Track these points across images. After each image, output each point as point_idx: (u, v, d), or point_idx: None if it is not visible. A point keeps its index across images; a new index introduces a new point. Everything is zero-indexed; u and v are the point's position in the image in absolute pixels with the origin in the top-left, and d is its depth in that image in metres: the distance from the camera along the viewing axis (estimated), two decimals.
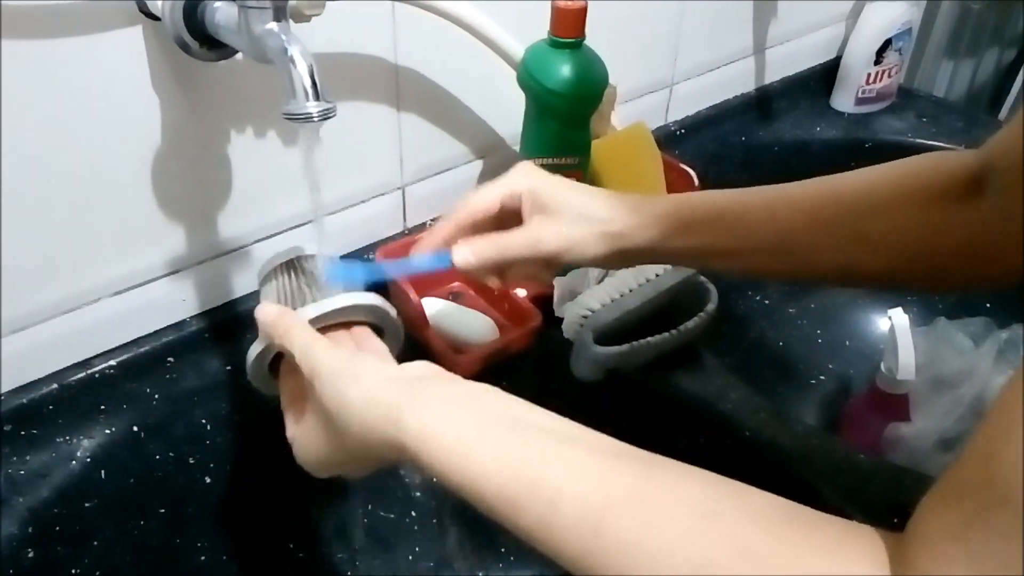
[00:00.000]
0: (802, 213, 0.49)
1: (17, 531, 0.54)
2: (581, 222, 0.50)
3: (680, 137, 0.92)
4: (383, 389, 0.40)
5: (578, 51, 0.63)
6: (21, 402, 0.57)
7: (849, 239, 0.48)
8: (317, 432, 0.44)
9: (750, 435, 0.62)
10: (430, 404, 0.39)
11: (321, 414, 0.43)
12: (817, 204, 0.49)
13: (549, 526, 0.34)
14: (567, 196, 0.51)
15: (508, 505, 0.36)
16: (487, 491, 0.36)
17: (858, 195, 0.49)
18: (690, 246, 0.51)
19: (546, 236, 0.50)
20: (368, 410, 0.40)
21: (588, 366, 0.65)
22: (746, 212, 0.50)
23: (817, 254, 0.49)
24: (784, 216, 0.50)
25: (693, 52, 0.89)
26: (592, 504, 0.34)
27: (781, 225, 0.49)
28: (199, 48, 0.51)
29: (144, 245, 0.59)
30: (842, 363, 0.94)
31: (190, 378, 0.63)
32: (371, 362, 0.43)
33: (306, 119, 0.44)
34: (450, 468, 0.37)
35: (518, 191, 0.51)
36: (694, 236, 0.50)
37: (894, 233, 0.47)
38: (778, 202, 0.50)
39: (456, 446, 0.37)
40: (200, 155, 0.59)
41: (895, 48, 1.00)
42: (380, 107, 0.67)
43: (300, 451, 0.46)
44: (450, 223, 0.52)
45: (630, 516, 0.33)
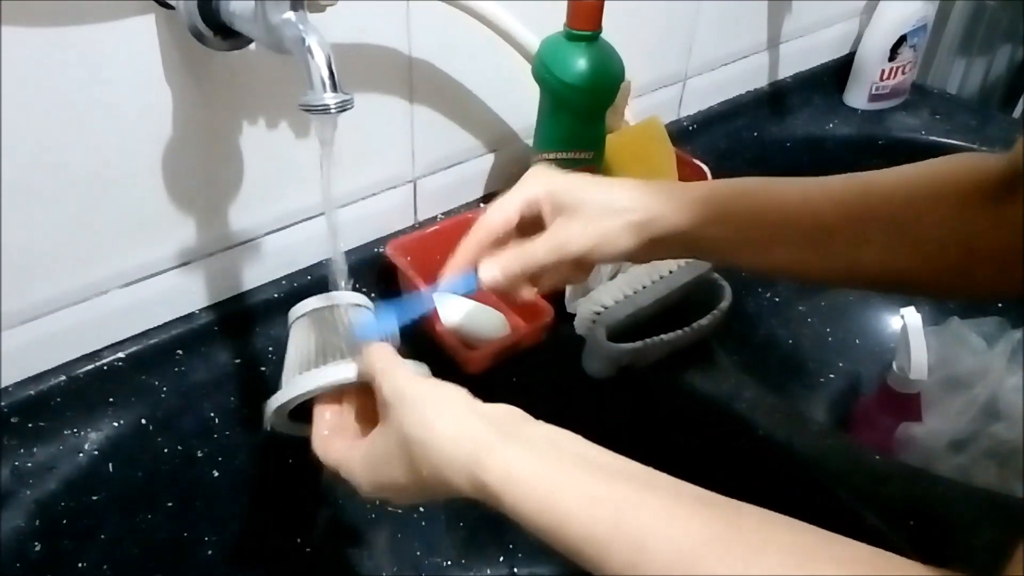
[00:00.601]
0: (840, 205, 0.48)
1: (24, 524, 0.54)
2: (606, 216, 0.48)
3: (692, 132, 0.91)
4: (470, 425, 0.39)
5: (595, 44, 0.62)
6: (28, 394, 0.57)
7: (888, 236, 0.47)
8: (385, 456, 0.42)
9: (763, 434, 0.62)
10: (515, 445, 0.38)
11: (396, 438, 0.41)
12: (855, 197, 0.48)
13: (636, 567, 0.34)
14: (587, 192, 0.49)
15: (595, 548, 0.35)
16: (572, 534, 0.35)
17: (898, 191, 0.47)
18: (723, 235, 0.49)
19: (571, 237, 0.48)
20: (453, 444, 0.39)
21: (600, 363, 0.65)
22: (783, 201, 0.49)
23: (853, 250, 0.47)
24: (822, 208, 0.48)
25: (707, 46, 0.88)
26: (682, 546, 0.34)
27: (818, 216, 0.48)
28: (214, 37, 0.50)
29: (154, 236, 0.59)
30: (852, 361, 0.94)
31: (199, 371, 0.63)
32: (459, 395, 0.42)
33: (323, 111, 0.43)
34: (534, 510, 0.37)
35: (535, 197, 0.49)
36: (727, 224, 0.48)
37: (934, 231, 0.46)
38: (815, 193, 0.49)
39: (541, 488, 0.37)
40: (212, 146, 0.58)
41: (910, 44, 0.99)
42: (393, 99, 0.66)
43: (360, 471, 0.44)
44: (471, 243, 0.50)
45: (722, 558, 0.33)
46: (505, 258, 0.49)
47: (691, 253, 0.55)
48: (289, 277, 0.67)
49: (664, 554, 0.34)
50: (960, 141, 0.97)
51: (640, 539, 0.34)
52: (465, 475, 0.38)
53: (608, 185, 0.50)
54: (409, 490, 0.42)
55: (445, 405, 0.41)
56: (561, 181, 0.50)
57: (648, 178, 0.75)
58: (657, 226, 0.48)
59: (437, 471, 0.39)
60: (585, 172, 0.67)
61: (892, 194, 0.47)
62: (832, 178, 0.49)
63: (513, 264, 0.48)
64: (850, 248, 0.48)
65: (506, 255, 0.49)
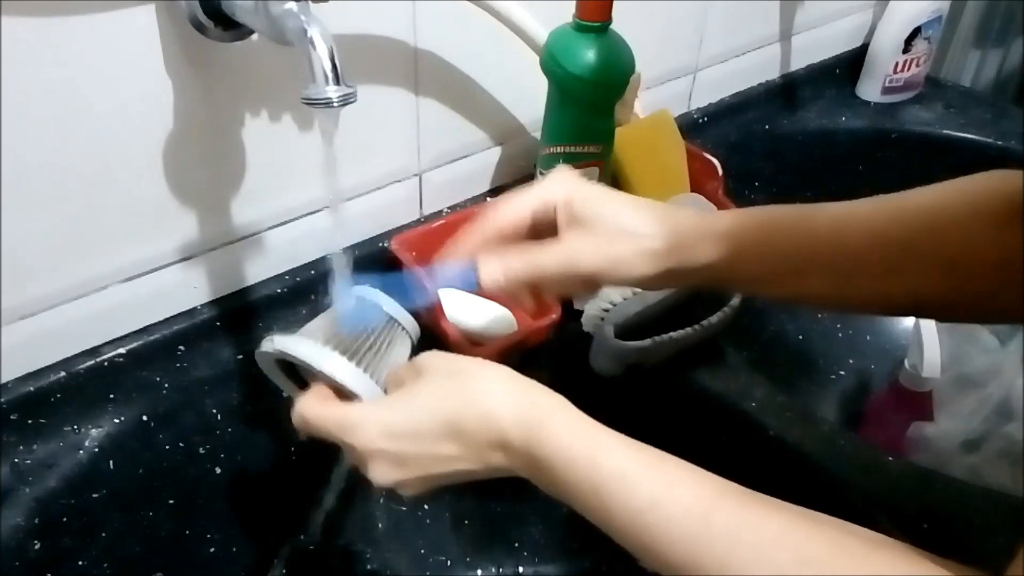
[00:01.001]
0: (872, 235, 0.45)
1: (23, 522, 0.53)
2: (623, 238, 0.46)
3: (702, 125, 0.90)
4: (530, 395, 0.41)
5: (604, 36, 0.61)
6: (28, 390, 0.56)
7: (920, 263, 0.44)
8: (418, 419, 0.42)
9: (774, 435, 0.61)
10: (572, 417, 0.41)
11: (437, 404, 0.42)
12: (887, 222, 0.45)
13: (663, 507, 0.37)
14: (607, 207, 0.46)
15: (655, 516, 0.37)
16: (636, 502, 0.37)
17: (932, 213, 0.45)
18: (751, 271, 0.46)
19: (583, 254, 0.46)
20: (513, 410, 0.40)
21: (608, 361, 0.64)
22: (813, 233, 0.46)
23: (884, 279, 0.45)
24: (852, 238, 0.46)
25: (718, 38, 0.87)
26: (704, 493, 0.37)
27: (848, 247, 0.46)
28: (214, 28, 0.49)
29: (155, 231, 0.58)
30: (863, 358, 0.93)
31: (201, 367, 0.62)
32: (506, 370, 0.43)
33: (326, 104, 0.42)
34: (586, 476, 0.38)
35: (552, 201, 0.47)
36: (756, 259, 0.46)
37: (965, 255, 0.44)
38: (845, 221, 0.46)
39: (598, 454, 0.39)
40: (213, 139, 0.57)
41: (924, 36, 0.97)
42: (398, 91, 0.65)
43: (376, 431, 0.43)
44: (475, 236, 0.48)
45: (740, 507, 0.36)
46: (510, 261, 0.46)
47: (712, 285, 0.52)
48: (292, 272, 0.66)
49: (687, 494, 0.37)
50: (974, 135, 0.95)
51: (665, 480, 0.37)
52: (521, 440, 0.40)
53: (630, 204, 0.47)
54: (431, 460, 0.42)
55: (499, 375, 0.42)
56: (583, 190, 0.47)
57: (657, 172, 0.74)
58: (677, 257, 0.46)
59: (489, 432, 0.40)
60: (592, 167, 0.66)
61: (929, 216, 0.45)
62: (861, 203, 0.47)
63: (517, 270, 0.46)
64: (881, 278, 0.46)
65: (512, 258, 0.47)
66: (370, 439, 0.43)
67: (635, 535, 0.37)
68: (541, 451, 0.39)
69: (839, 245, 0.46)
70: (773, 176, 0.93)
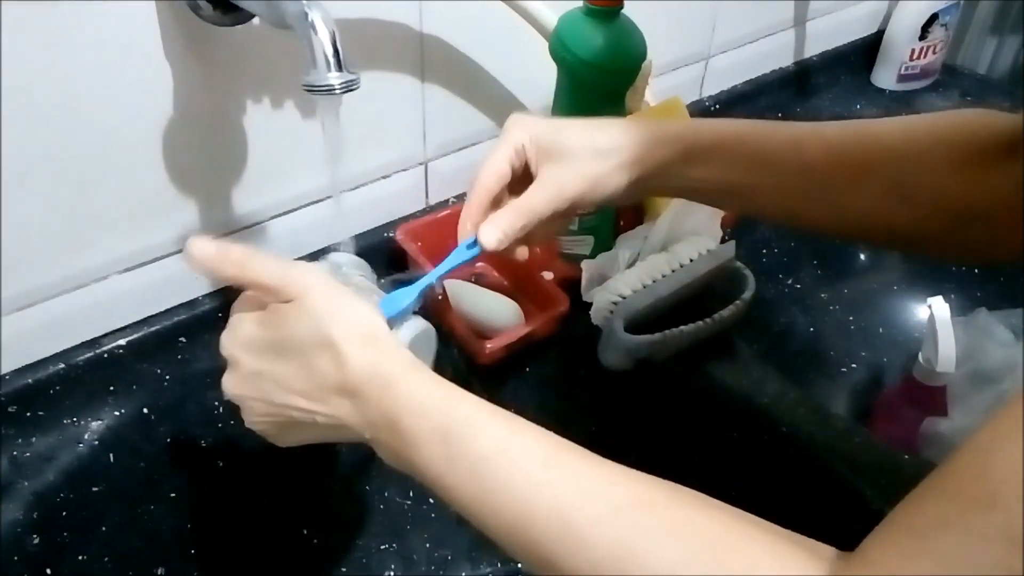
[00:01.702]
0: (833, 151, 0.47)
1: (22, 516, 0.53)
2: (595, 158, 0.47)
3: (715, 113, 0.89)
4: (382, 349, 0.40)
5: (615, 20, 0.60)
6: (26, 382, 0.55)
7: (883, 185, 0.46)
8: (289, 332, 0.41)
9: (787, 431, 0.59)
10: (422, 374, 0.40)
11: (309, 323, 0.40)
12: (851, 144, 0.47)
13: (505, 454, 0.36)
14: (572, 135, 0.47)
15: (493, 464, 0.36)
16: (476, 449, 0.37)
17: (897, 141, 0.46)
18: (706, 177, 0.48)
19: (566, 183, 0.47)
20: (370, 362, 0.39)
21: (617, 354, 0.63)
22: (769, 142, 0.48)
23: (844, 198, 0.46)
24: (813, 152, 0.47)
25: (731, 24, 0.85)
26: (546, 447, 0.36)
27: (808, 161, 0.47)
28: (213, 12, 0.48)
29: (155, 220, 0.57)
30: (875, 351, 0.91)
31: (202, 359, 0.61)
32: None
33: (327, 91, 0.41)
34: (432, 427, 0.37)
35: (520, 145, 0.47)
36: (711, 165, 0.47)
37: (932, 184, 0.45)
38: (806, 137, 0.48)
39: (445, 409, 0.38)
40: (214, 126, 0.56)
41: (941, 23, 0.95)
42: (404, 78, 0.64)
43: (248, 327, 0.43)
44: (473, 209, 0.48)
45: (578, 457, 0.36)
46: (502, 218, 0.46)
47: (678, 193, 0.53)
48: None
49: (531, 444, 0.36)
50: None
51: (514, 429, 0.37)
52: (374, 391, 0.38)
53: (591, 127, 0.48)
54: (274, 383, 0.41)
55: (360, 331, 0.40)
56: (543, 126, 0.48)
57: None
58: (641, 167, 0.47)
59: (337, 376, 0.39)
60: None
61: (889, 144, 0.46)
62: (827, 124, 0.48)
63: (514, 222, 0.46)
64: (841, 197, 0.47)
65: (503, 215, 0.47)
66: (232, 343, 0.44)
67: (474, 483, 0.36)
68: (392, 402, 0.38)
69: (796, 158, 0.47)
70: None
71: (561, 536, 0.33)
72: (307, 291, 0.40)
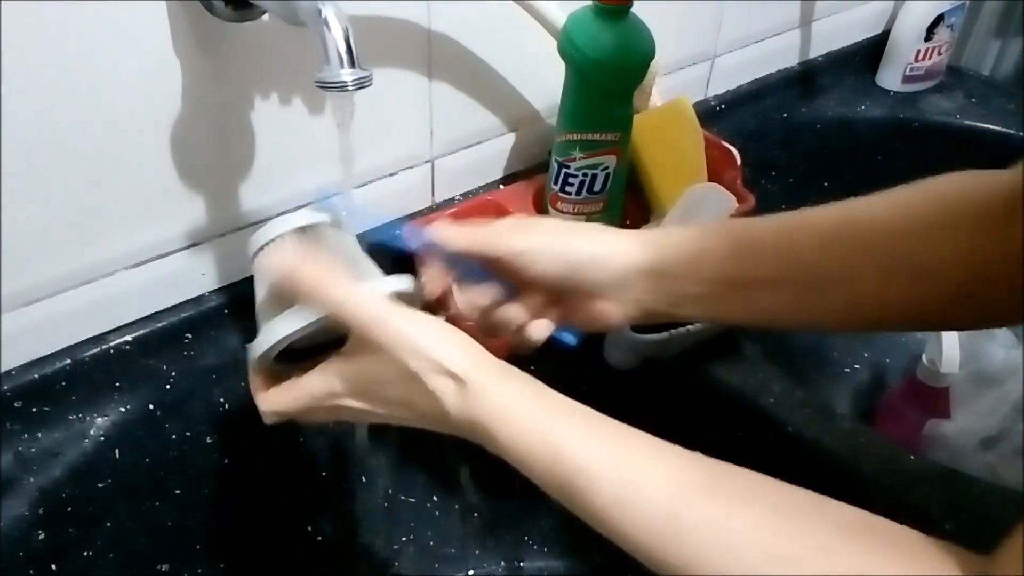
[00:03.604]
0: (819, 237, 0.45)
1: (27, 512, 0.53)
2: (564, 232, 0.47)
3: (720, 113, 0.88)
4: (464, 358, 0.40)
5: (624, 19, 0.59)
6: (32, 378, 0.55)
7: (882, 268, 0.43)
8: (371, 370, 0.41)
9: (792, 431, 0.59)
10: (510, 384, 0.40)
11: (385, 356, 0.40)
12: (836, 227, 0.45)
13: (622, 503, 0.36)
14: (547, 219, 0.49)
15: (584, 480, 0.37)
16: (565, 465, 0.37)
17: (893, 216, 0.44)
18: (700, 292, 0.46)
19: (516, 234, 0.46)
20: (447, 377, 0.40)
21: (623, 354, 0.63)
22: (752, 236, 0.46)
23: (845, 288, 0.44)
24: (800, 241, 0.45)
25: (737, 24, 0.85)
26: (670, 489, 0.36)
27: (796, 251, 0.45)
28: (224, 8, 0.48)
29: (162, 216, 0.57)
30: (878, 352, 0.92)
31: (209, 355, 0.61)
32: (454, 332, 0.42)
33: (340, 88, 0.41)
34: (528, 442, 0.38)
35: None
36: (697, 266, 0.46)
37: (937, 259, 0.43)
38: (792, 225, 0.46)
39: (538, 422, 0.38)
40: (222, 122, 0.56)
41: (947, 24, 0.95)
42: (411, 75, 0.64)
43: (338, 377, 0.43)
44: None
45: (708, 503, 0.35)
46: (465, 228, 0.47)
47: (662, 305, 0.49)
48: None
49: (653, 491, 0.36)
50: (996, 125, 0.93)
51: (630, 476, 0.36)
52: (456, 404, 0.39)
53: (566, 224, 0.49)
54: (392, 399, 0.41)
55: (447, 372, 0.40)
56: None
57: (674, 160, 0.72)
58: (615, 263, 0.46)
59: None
60: (610, 155, 0.65)
61: (889, 220, 0.44)
62: (811, 210, 0.46)
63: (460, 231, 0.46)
64: (842, 286, 0.44)
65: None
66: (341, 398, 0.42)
67: (604, 529, 0.37)
68: (499, 448, 0.39)
69: (786, 251, 0.45)
70: (790, 165, 0.92)
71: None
72: (380, 337, 0.40)
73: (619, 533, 0.36)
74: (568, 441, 0.38)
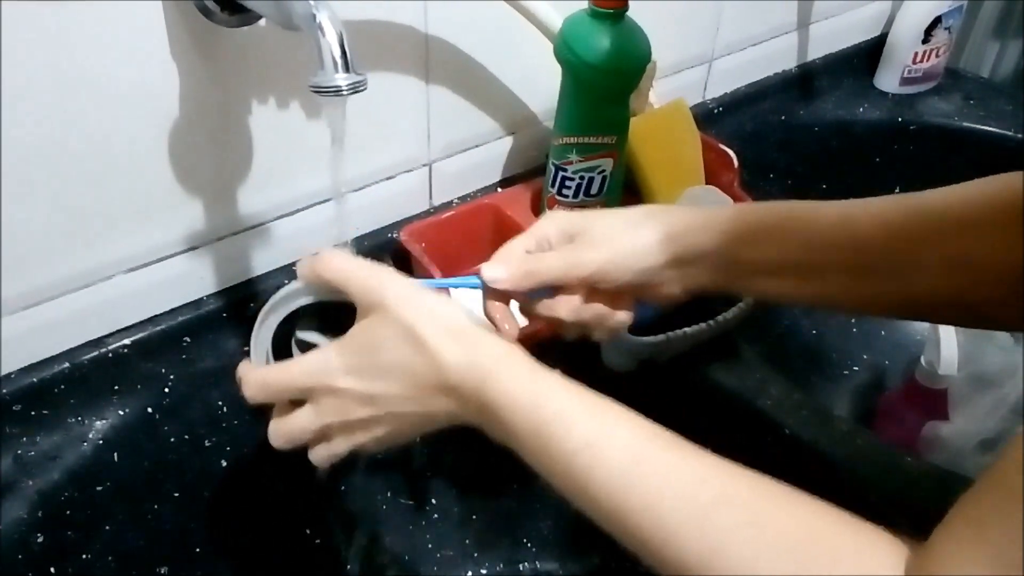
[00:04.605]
0: (885, 225, 0.45)
1: (26, 515, 0.53)
2: (621, 233, 0.47)
3: (718, 115, 0.88)
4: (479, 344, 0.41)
5: (620, 23, 0.60)
6: (31, 381, 0.55)
7: (943, 259, 0.43)
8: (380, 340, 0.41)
9: (790, 433, 0.59)
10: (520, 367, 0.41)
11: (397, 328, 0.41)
12: (903, 216, 0.45)
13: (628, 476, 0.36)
14: (600, 218, 0.48)
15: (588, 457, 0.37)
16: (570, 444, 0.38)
17: (947, 210, 0.44)
18: (760, 258, 0.46)
19: (583, 256, 0.46)
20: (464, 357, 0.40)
21: (621, 356, 0.63)
22: (823, 222, 0.46)
23: (904, 275, 0.44)
24: (865, 228, 0.45)
25: (735, 26, 0.85)
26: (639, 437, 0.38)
27: (862, 238, 0.45)
28: (221, 13, 0.48)
29: (160, 220, 0.57)
30: (877, 354, 0.91)
31: (207, 358, 0.61)
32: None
33: (335, 92, 0.41)
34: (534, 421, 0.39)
35: (544, 234, 0.47)
36: (763, 246, 0.46)
37: (994, 252, 0.42)
38: (857, 212, 0.46)
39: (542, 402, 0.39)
40: (220, 126, 0.56)
41: (945, 26, 0.95)
42: (408, 79, 0.64)
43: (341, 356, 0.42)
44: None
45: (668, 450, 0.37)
46: (514, 261, 0.47)
47: (724, 278, 0.49)
48: None
49: (622, 437, 0.38)
50: (994, 127, 0.93)
51: (602, 422, 0.38)
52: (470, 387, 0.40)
53: (624, 209, 0.48)
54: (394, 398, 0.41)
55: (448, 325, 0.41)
56: (573, 215, 0.48)
57: (672, 163, 0.73)
58: (681, 244, 0.46)
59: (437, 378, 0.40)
60: (606, 157, 0.65)
61: (937, 215, 0.44)
62: (872, 199, 0.46)
63: (520, 267, 0.46)
64: (901, 274, 0.44)
65: (513, 258, 0.47)
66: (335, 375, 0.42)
67: (570, 477, 0.38)
68: (488, 396, 0.40)
69: (849, 236, 0.45)
70: (788, 167, 0.92)
71: (652, 532, 0.35)
72: (385, 297, 0.41)
73: (584, 478, 0.37)
74: (548, 391, 0.39)
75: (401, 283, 0.42)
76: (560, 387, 0.40)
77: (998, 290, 0.43)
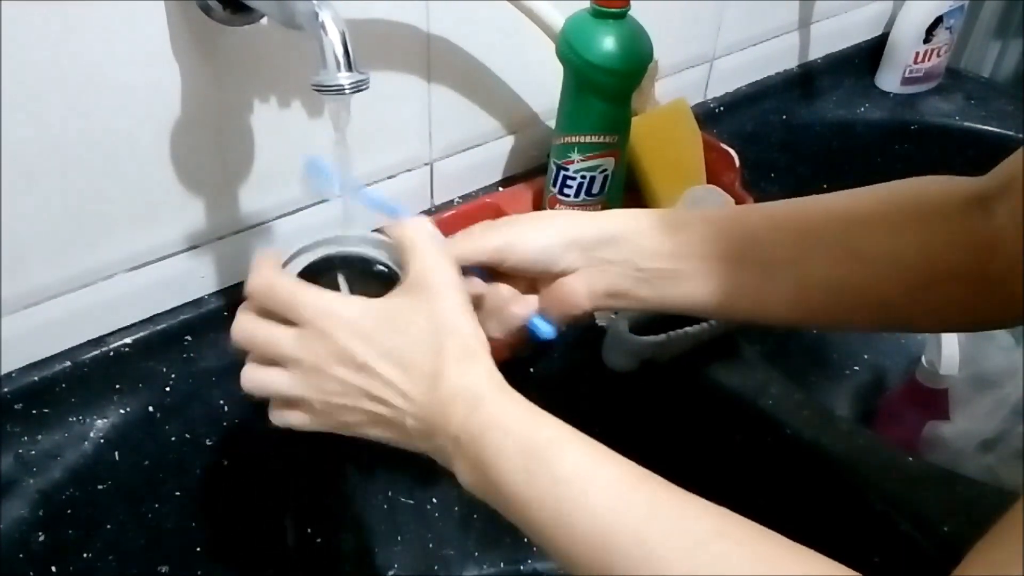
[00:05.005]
0: (771, 218, 0.48)
1: (27, 513, 0.53)
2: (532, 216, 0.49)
3: (719, 115, 0.88)
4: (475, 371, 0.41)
5: (623, 22, 0.60)
6: (32, 380, 0.55)
7: (831, 248, 0.45)
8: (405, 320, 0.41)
9: (791, 433, 0.59)
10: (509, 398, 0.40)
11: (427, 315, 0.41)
12: (790, 209, 0.48)
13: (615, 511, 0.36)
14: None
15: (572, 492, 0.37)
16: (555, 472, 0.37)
17: (838, 202, 0.46)
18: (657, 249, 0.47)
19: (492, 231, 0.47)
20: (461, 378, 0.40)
21: (622, 356, 0.63)
22: (713, 220, 0.48)
23: (795, 264, 0.46)
24: (753, 221, 0.48)
25: (736, 26, 0.85)
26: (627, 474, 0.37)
27: (749, 229, 0.47)
28: (223, 11, 0.48)
29: (162, 219, 0.57)
30: (878, 354, 0.92)
31: (208, 357, 0.61)
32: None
33: (337, 91, 0.41)
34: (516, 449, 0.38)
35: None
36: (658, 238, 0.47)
37: (886, 247, 0.44)
38: (748, 210, 0.50)
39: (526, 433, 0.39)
40: (221, 125, 0.56)
41: (946, 26, 0.95)
42: (410, 78, 0.64)
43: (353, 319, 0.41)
44: None
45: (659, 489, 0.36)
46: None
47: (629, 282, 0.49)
48: None
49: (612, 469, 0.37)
50: (996, 127, 0.93)
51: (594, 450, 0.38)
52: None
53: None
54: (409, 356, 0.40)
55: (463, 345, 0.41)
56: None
57: (673, 162, 0.73)
58: (585, 228, 0.48)
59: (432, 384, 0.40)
60: (608, 157, 0.65)
61: (831, 209, 0.46)
62: (770, 203, 0.49)
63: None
64: (794, 264, 0.46)
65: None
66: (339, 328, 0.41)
67: (554, 503, 0.36)
68: (480, 417, 0.39)
69: (740, 232, 0.47)
70: (789, 167, 0.92)
71: (640, 564, 0.34)
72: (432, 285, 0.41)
73: (571, 507, 0.36)
74: (547, 418, 0.39)
75: (454, 280, 0.42)
76: (554, 419, 0.40)
77: (892, 280, 0.44)
